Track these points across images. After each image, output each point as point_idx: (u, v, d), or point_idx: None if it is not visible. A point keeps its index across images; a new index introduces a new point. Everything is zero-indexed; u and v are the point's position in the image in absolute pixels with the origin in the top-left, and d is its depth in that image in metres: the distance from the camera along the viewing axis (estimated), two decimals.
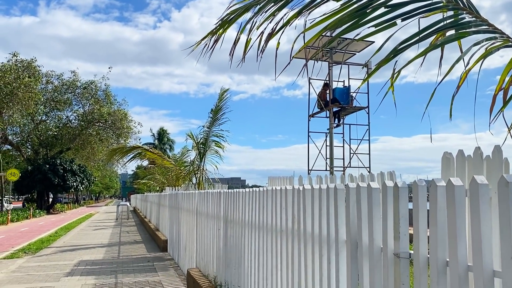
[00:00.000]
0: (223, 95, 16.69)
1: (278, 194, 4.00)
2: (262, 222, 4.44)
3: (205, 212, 7.34)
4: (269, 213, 4.25)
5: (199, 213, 7.95)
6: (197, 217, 8.11)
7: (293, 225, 3.65)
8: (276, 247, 4.05)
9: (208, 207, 7.04)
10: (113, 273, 9.74)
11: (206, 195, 7.28)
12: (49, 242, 16.26)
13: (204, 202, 7.46)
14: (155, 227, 17.87)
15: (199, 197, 7.97)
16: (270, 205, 4.22)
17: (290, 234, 3.71)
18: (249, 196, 4.90)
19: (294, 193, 3.65)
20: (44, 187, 42.19)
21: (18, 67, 38.21)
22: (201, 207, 7.69)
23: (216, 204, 6.46)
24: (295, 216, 3.61)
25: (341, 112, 15.78)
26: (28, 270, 10.19)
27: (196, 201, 8.25)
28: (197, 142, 17.09)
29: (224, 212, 5.96)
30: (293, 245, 3.64)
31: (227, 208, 5.81)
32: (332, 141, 15.30)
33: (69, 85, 44.55)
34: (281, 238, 3.91)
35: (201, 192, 7.82)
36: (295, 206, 3.63)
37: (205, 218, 7.30)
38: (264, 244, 4.38)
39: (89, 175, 48.42)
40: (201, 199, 7.76)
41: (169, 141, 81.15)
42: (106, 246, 14.96)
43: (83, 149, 46.87)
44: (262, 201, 4.44)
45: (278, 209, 3.99)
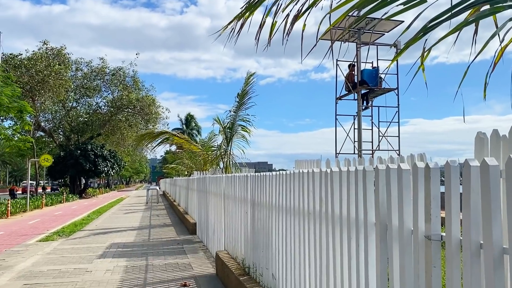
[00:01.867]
0: (249, 79, 16.62)
1: (305, 177, 3.97)
2: (289, 205, 4.42)
3: (232, 196, 7.38)
4: (296, 196, 4.23)
5: (226, 197, 8.00)
6: (225, 200, 8.17)
7: (321, 208, 3.62)
8: (303, 230, 4.03)
9: (235, 191, 7.08)
10: (144, 255, 9.96)
11: (233, 178, 7.31)
12: (82, 225, 16.74)
13: (231, 185, 7.50)
14: (184, 211, 18.13)
15: (226, 180, 8.01)
16: (297, 188, 4.19)
17: (318, 217, 3.69)
18: (276, 179, 4.89)
19: (321, 175, 3.61)
20: (76, 172, 43.33)
21: (48, 55, 39.07)
22: (228, 190, 7.74)
23: (243, 187, 6.48)
24: (323, 199, 3.58)
25: (369, 94, 15.52)
26: (63, 252, 10.53)
27: (223, 185, 8.30)
28: (223, 127, 17.14)
29: (251, 195, 5.97)
30: (321, 228, 3.61)
31: (254, 191, 5.81)
32: (360, 124, 15.09)
33: (98, 72, 45.31)
34: (309, 221, 3.89)
35: (228, 175, 7.86)
36: (322, 189, 3.59)
37: (233, 202, 7.34)
38: (291, 227, 4.37)
39: (119, 160, 49.43)
40: (228, 183, 7.80)
41: (196, 126, 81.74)
42: (136, 229, 15.30)
43: (113, 135, 47.86)
44: (289, 184, 4.41)
45: (306, 192, 3.96)
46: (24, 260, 9.63)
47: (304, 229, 4.00)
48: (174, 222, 17.46)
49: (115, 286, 7.17)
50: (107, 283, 7.39)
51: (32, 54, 38.20)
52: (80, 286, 7.24)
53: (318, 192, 3.68)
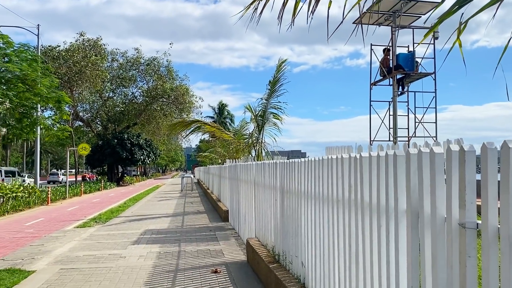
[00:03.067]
0: (280, 66, 16.43)
1: (334, 163, 3.83)
2: (318, 192, 4.30)
3: (262, 183, 7.31)
4: (325, 182, 4.10)
5: (256, 184, 7.94)
6: (255, 188, 8.12)
7: (350, 195, 3.49)
8: (332, 217, 3.91)
9: (265, 178, 7.00)
10: (177, 241, 10.07)
11: (262, 166, 7.24)
12: (118, 212, 17.13)
13: (261, 173, 7.42)
14: (217, 198, 18.26)
15: (256, 168, 7.94)
16: (326, 174, 4.07)
17: (347, 204, 3.56)
18: (304, 165, 4.77)
19: (350, 161, 3.47)
20: (113, 160, 44.39)
21: (85, 46, 39.97)
22: (258, 178, 7.67)
23: (273, 174, 6.39)
24: (352, 185, 3.44)
25: (405, 79, 15.05)
26: (98, 238, 10.78)
27: (253, 172, 8.24)
28: (255, 115, 17.06)
29: (281, 182, 5.87)
30: (350, 215, 3.49)
31: (283, 178, 5.72)
32: (395, 110, 14.68)
33: (133, 62, 46.01)
34: (338, 208, 3.76)
35: (258, 163, 7.80)
36: (351, 175, 3.45)
37: (262, 189, 7.28)
38: (321, 214, 4.25)
39: (155, 148, 50.26)
40: (258, 170, 7.73)
41: (229, 115, 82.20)
42: (171, 216, 15.52)
43: (148, 124, 48.69)
44: (318, 170, 4.29)
45: (334, 179, 3.83)
46: (61, 245, 9.92)
47: (333, 217, 3.88)
48: (207, 209, 17.61)
49: (148, 271, 7.27)
50: (140, 268, 7.50)
51: (70, 46, 39.19)
52: (114, 271, 7.37)
53: (347, 178, 3.54)
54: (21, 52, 21.12)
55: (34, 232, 12.13)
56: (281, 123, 16.77)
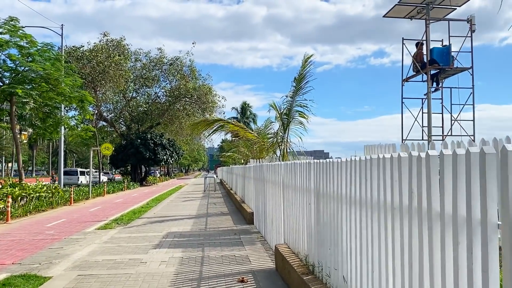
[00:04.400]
0: (306, 62, 15.77)
1: (388, 163, 3.21)
2: (365, 197, 3.69)
3: (292, 185, 6.71)
4: (374, 186, 3.48)
5: (285, 186, 7.35)
6: (284, 189, 7.52)
7: (411, 202, 2.87)
8: (385, 228, 3.29)
9: (296, 179, 6.40)
10: (200, 246, 9.56)
11: (293, 166, 6.64)
12: (141, 213, 16.76)
13: (291, 174, 6.83)
14: (240, 199, 17.73)
15: (285, 168, 7.35)
16: (376, 176, 3.45)
17: (406, 213, 2.94)
18: (346, 166, 4.15)
19: (412, 161, 2.85)
20: (136, 160, 44.41)
21: (108, 46, 40.05)
22: (288, 179, 7.08)
23: (305, 176, 5.79)
24: (414, 190, 2.82)
25: (440, 74, 14.21)
26: (119, 241, 10.36)
27: (282, 173, 7.65)
28: (280, 113, 16.45)
29: (315, 184, 5.27)
30: (411, 227, 2.86)
31: (319, 180, 5.11)
32: (430, 107, 13.86)
33: (156, 62, 45.96)
34: (393, 217, 3.14)
35: (287, 163, 7.20)
36: (413, 178, 2.83)
37: (293, 191, 6.68)
38: (368, 223, 3.64)
39: (178, 148, 50.15)
40: (287, 171, 7.14)
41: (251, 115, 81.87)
42: (193, 217, 15.05)
43: (171, 124, 48.58)
44: (365, 172, 3.67)
45: (388, 182, 3.21)
46: (81, 248, 9.52)
47: (387, 227, 3.26)
48: (231, 210, 17.10)
49: (169, 279, 6.76)
50: (161, 275, 7.01)
51: (93, 46, 39.32)
52: (133, 278, 6.89)
53: (407, 181, 2.93)
54: (45, 52, 21.04)
55: (54, 234, 11.81)
56: (307, 122, 16.12)
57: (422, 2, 14.18)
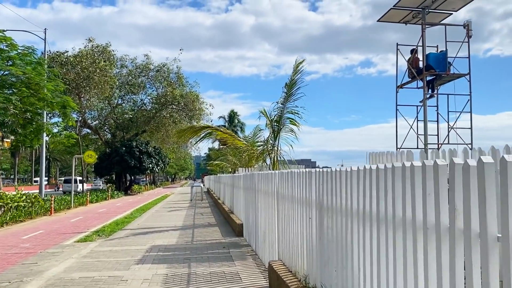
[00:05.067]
0: (297, 67, 15.26)
1: (419, 172, 2.63)
2: (384, 213, 3.10)
3: (289, 196, 6.11)
4: (398, 200, 2.90)
5: (281, 197, 6.74)
6: (279, 201, 6.92)
7: (453, 222, 2.28)
8: (414, 251, 2.70)
9: (294, 190, 5.80)
10: (187, 261, 8.88)
11: (290, 175, 6.04)
12: (124, 224, 15.99)
13: (287, 183, 6.23)
14: (229, 210, 17.06)
15: (280, 177, 6.75)
16: (400, 188, 2.87)
17: (446, 234, 2.35)
18: (359, 176, 3.57)
19: (456, 170, 2.27)
20: (121, 168, 43.42)
21: (94, 52, 39.17)
22: (284, 189, 6.48)
23: (305, 186, 5.19)
24: (459, 208, 2.24)
25: (435, 81, 13.79)
26: (99, 256, 9.62)
27: (276, 183, 7.05)
28: (270, 120, 15.88)
29: (318, 196, 4.68)
30: (454, 253, 2.28)
31: (323, 191, 4.52)
32: (426, 114, 13.39)
33: (142, 69, 45.16)
34: (426, 239, 2.55)
35: (283, 172, 6.60)
36: (457, 191, 2.25)
37: (290, 203, 6.07)
38: (389, 243, 3.05)
39: (164, 157, 49.25)
40: (283, 180, 6.54)
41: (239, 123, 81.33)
42: (179, 229, 14.35)
43: (157, 132, 47.67)
44: (385, 182, 3.09)
45: (419, 196, 2.63)
46: (57, 264, 8.78)
47: (416, 249, 2.67)
48: (219, 221, 16.41)
49: None
50: None
51: (78, 52, 38.41)
52: None
53: (445, 196, 2.35)
54: (26, 55, 20.19)
55: (30, 247, 11.01)
56: (298, 130, 15.59)
57: (418, 6, 13.79)
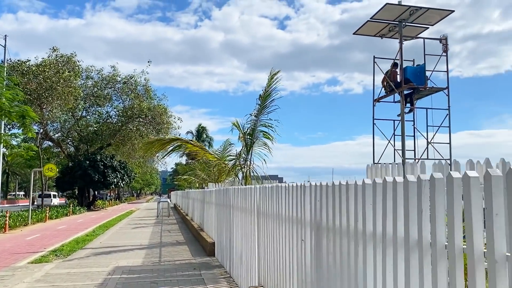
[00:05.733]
0: (272, 78, 14.73)
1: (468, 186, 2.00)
2: (416, 238, 2.45)
3: (273, 214, 5.42)
4: (440, 221, 2.26)
5: (262, 214, 6.04)
6: (259, 219, 6.21)
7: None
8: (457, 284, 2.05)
9: (280, 207, 5.11)
10: (154, 285, 8.01)
11: (275, 190, 5.35)
12: (85, 242, 14.85)
13: (271, 199, 5.54)
14: (198, 227, 16.18)
15: (262, 193, 6.05)
16: (441, 206, 2.23)
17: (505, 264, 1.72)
18: (375, 189, 2.92)
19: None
20: (84, 183, 41.71)
21: (58, 62, 37.63)
22: (266, 206, 5.78)
23: (297, 203, 4.52)
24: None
25: (413, 95, 13.49)
26: (55, 280, 8.60)
27: (257, 198, 6.35)
28: (243, 133, 15.22)
29: (314, 215, 4.01)
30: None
31: (321, 209, 3.85)
32: (403, 128, 13.03)
33: (109, 80, 43.81)
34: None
35: (266, 187, 5.90)
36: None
37: (274, 222, 5.38)
38: (421, 275, 2.40)
39: (129, 171, 47.73)
40: (266, 196, 5.84)
41: (208, 138, 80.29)
42: (145, 248, 13.37)
43: (123, 145, 46.16)
44: (415, 199, 2.45)
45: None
46: None
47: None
48: (188, 239, 15.49)
49: None
50: None
51: (41, 61, 36.81)
52: None
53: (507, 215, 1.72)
54: None
55: None
56: (272, 143, 15.00)
57: (394, 19, 13.53)
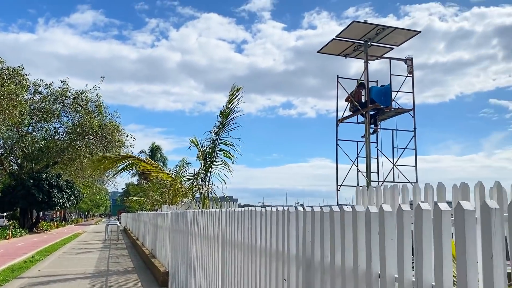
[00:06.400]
0: (234, 94, 14.02)
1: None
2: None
3: (244, 243, 4.59)
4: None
5: (229, 244, 5.20)
6: (225, 249, 5.36)
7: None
8: None
9: (254, 236, 4.30)
10: None
11: (249, 216, 4.52)
12: (21, 270, 13.31)
13: (241, 226, 4.72)
14: (150, 253, 14.99)
15: (230, 218, 5.21)
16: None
17: None
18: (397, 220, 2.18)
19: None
20: (27, 203, 39.05)
21: (3, 74, 35.37)
22: (235, 234, 4.95)
23: (277, 232, 3.72)
24: None
25: (378, 116, 13.18)
26: None
27: (222, 225, 5.51)
28: (202, 151, 14.35)
29: (302, 250, 3.22)
30: None
31: (312, 242, 3.07)
32: (368, 150, 12.64)
33: (58, 95, 41.64)
34: None
35: (235, 211, 5.06)
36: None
37: (245, 254, 4.55)
38: None
39: (77, 191, 45.30)
40: (234, 222, 5.01)
41: (162, 157, 78.19)
42: (90, 277, 12.07)
43: (71, 164, 43.79)
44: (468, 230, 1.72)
45: None
46: None
47: None
48: (138, 267, 14.26)
49: None
50: None
51: None
52: None
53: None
54: None
55: None
56: (233, 162, 14.19)
57: (360, 39, 13.27)
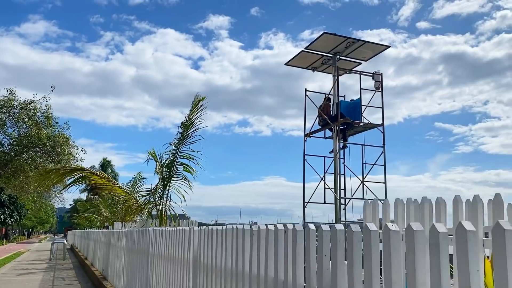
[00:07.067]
0: (197, 105, 13.31)
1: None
2: None
3: (226, 269, 3.84)
4: None
5: (204, 268, 4.41)
6: (199, 274, 4.58)
7: None
8: None
9: (240, 260, 3.56)
10: None
11: (234, 234, 3.77)
12: None
13: (222, 248, 3.97)
14: (101, 274, 13.77)
15: (206, 238, 4.43)
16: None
17: None
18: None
19: None
20: None
21: None
22: (212, 257, 4.19)
23: (267, 256, 3.01)
24: None
25: (347, 131, 12.82)
26: None
27: (195, 245, 4.73)
28: (161, 164, 13.49)
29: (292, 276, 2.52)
30: None
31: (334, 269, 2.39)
32: (337, 166, 12.20)
33: (3, 104, 39.19)
34: None
35: (212, 229, 4.29)
36: None
37: (227, 281, 3.80)
38: None
39: (20, 207, 42.60)
40: (211, 243, 4.25)
41: (113, 173, 75.71)
42: None
43: (15, 178, 41.14)
44: None
45: None
46: None
47: None
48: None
49: None
50: None
51: None
52: None
53: None
54: None
55: None
56: (193, 177, 13.38)
57: (329, 52, 12.94)
